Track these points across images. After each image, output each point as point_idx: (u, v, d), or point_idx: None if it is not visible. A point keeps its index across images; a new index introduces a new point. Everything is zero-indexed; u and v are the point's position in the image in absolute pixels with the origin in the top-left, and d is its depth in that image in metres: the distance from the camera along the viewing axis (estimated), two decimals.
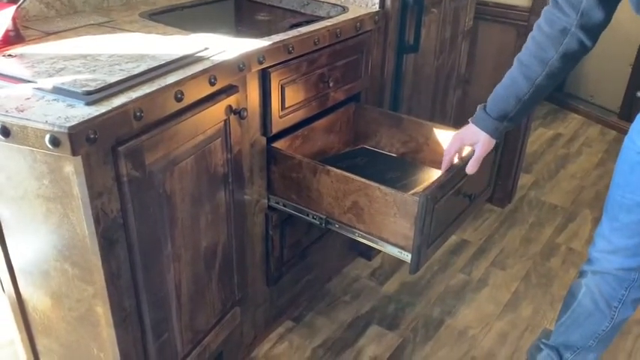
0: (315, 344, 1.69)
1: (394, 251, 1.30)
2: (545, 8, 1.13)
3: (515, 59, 1.17)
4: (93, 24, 1.35)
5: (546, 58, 1.11)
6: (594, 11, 1.05)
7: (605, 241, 1.26)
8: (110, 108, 0.90)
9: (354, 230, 1.34)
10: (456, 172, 1.29)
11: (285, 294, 1.70)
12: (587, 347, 1.39)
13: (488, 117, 1.21)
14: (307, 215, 1.41)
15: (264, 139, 1.38)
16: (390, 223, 1.27)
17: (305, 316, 1.78)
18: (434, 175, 1.50)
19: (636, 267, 1.24)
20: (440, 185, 1.22)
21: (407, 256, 1.27)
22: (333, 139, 1.64)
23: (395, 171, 1.55)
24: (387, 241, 1.30)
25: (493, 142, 1.25)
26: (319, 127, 1.57)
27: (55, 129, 0.84)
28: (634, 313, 1.34)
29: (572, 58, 1.11)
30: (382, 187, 1.24)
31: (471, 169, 1.27)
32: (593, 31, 1.08)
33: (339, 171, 1.31)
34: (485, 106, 1.23)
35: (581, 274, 1.37)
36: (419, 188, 1.44)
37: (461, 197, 1.35)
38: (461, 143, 1.29)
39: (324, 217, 1.38)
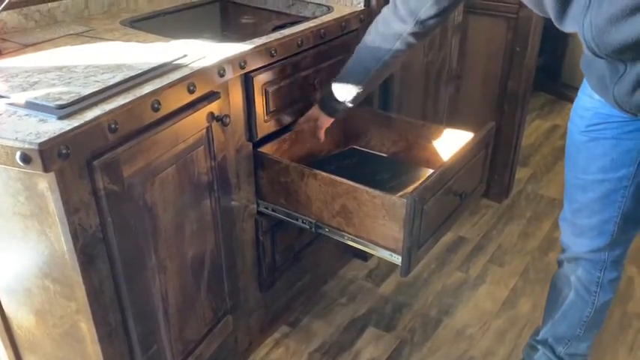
0: (312, 348, 1.67)
1: (385, 254, 1.28)
2: (384, 8, 1.25)
3: (355, 50, 1.32)
4: (72, 34, 1.33)
5: (378, 56, 1.26)
6: (430, 21, 1.19)
7: (570, 224, 1.28)
8: (83, 122, 0.89)
9: (344, 234, 1.32)
10: (445, 171, 1.27)
11: (279, 299, 1.68)
12: (576, 337, 1.39)
13: (329, 99, 1.37)
14: (297, 220, 1.39)
15: (250, 145, 1.36)
16: (379, 226, 1.25)
17: (301, 321, 1.76)
18: (425, 174, 1.48)
19: (603, 246, 1.24)
20: (427, 186, 1.20)
21: (397, 259, 1.25)
22: (322, 141, 1.62)
23: (385, 172, 1.52)
24: (378, 244, 1.28)
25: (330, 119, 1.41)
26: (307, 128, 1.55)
27: (26, 146, 0.83)
28: (614, 295, 1.34)
29: (401, 55, 1.27)
30: (370, 190, 1.22)
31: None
32: (424, 35, 1.23)
33: (326, 174, 1.29)
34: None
35: (559, 264, 1.38)
36: (408, 189, 1.42)
37: (451, 196, 1.32)
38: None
39: (313, 221, 1.36)
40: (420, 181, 1.24)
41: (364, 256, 2.00)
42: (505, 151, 2.25)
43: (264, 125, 1.36)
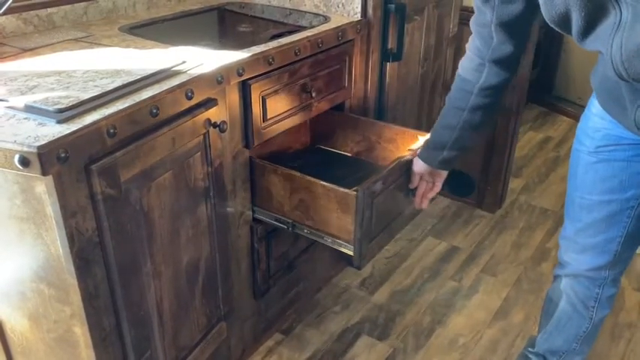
0: (305, 356, 1.67)
1: (339, 246, 1.32)
2: (466, 44, 1.20)
3: (447, 96, 1.25)
4: (71, 39, 1.34)
5: (469, 92, 1.18)
6: (505, 45, 1.10)
7: (572, 242, 1.27)
8: (81, 126, 0.89)
9: (304, 227, 1.36)
10: (396, 166, 1.30)
11: (273, 306, 1.68)
12: (571, 350, 1.39)
13: (427, 149, 1.31)
14: (276, 221, 1.41)
15: (246, 151, 1.37)
16: (333, 219, 1.29)
17: (294, 328, 1.76)
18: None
19: (605, 264, 1.24)
20: (377, 179, 1.24)
21: (350, 250, 1.29)
22: (291, 140, 1.64)
23: (346, 169, 1.58)
24: (334, 236, 1.32)
25: (438, 172, 1.33)
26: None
27: (25, 149, 0.83)
28: (611, 310, 1.34)
29: (494, 91, 1.17)
30: (324, 183, 1.27)
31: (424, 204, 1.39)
32: (507, 63, 1.13)
33: (285, 169, 1.33)
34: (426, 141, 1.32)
35: (555, 278, 1.37)
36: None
37: (405, 192, 1.36)
38: (420, 177, 1.36)
39: (290, 221, 1.39)
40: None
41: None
42: (498, 161, 2.27)
43: (262, 133, 1.37)
